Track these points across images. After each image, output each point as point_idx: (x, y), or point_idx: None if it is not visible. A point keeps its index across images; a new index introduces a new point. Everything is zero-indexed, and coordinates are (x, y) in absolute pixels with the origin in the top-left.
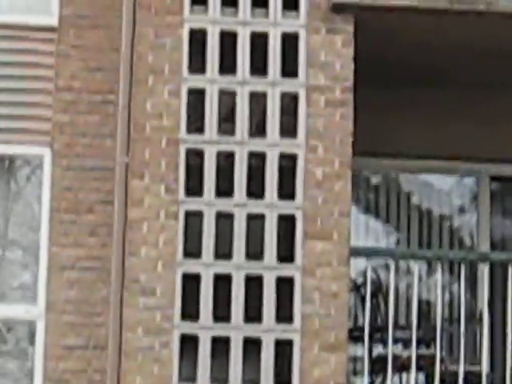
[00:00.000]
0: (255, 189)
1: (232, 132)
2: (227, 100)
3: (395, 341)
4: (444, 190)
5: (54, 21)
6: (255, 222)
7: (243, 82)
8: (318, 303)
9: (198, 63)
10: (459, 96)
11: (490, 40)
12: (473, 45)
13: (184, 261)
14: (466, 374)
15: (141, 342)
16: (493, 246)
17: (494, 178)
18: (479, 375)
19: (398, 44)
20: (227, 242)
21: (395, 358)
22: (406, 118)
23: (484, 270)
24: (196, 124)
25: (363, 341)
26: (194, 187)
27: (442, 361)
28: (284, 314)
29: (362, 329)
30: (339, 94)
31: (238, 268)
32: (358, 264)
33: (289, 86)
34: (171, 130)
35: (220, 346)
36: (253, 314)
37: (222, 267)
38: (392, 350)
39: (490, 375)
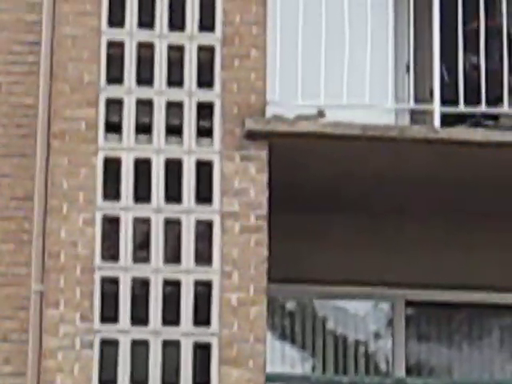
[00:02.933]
0: (171, 316)
1: (147, 259)
2: (142, 227)
3: None
4: (359, 315)
5: None
6: (171, 349)
7: (158, 209)
8: None
9: (112, 191)
10: (373, 222)
11: (402, 166)
12: (386, 171)
13: None
14: None
15: None
16: (408, 371)
17: (408, 303)
18: None
19: (313, 170)
20: (143, 369)
21: None
22: (321, 243)
23: None
24: (111, 251)
25: None
26: (110, 315)
27: None
28: None
29: None
30: (254, 221)
31: None
32: None
33: (203, 212)
34: (86, 258)
35: None
36: None
37: None
38: None
39: None
